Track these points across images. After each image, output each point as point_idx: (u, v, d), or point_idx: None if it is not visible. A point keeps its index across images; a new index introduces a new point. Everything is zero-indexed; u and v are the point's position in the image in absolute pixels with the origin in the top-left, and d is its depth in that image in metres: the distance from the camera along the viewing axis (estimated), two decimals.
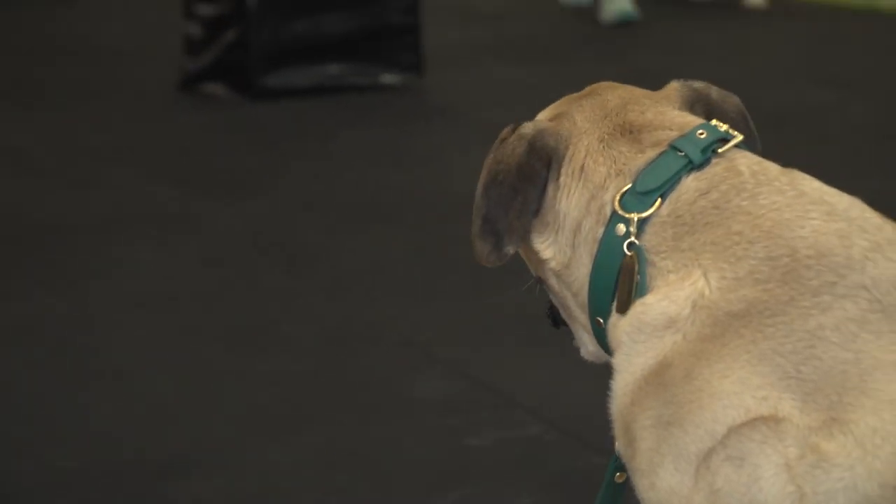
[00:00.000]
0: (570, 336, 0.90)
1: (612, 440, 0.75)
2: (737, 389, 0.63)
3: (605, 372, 0.76)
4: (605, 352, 0.79)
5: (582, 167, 0.78)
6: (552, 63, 4.65)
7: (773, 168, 0.75)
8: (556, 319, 0.90)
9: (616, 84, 0.88)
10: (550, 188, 0.79)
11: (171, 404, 2.15)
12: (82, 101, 4.46)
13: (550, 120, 0.84)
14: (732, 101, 0.87)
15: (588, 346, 0.86)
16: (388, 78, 4.44)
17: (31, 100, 4.51)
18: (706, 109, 0.85)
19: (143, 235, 3.09)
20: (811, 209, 0.69)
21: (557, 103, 0.88)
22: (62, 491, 1.84)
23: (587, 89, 0.87)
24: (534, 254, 0.83)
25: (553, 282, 0.84)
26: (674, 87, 0.86)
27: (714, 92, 0.87)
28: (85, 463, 1.90)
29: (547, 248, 0.81)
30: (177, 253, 3.00)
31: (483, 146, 0.90)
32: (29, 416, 2.09)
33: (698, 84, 0.87)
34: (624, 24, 4.65)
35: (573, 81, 1.10)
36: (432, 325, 2.47)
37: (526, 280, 0.91)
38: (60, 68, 4.91)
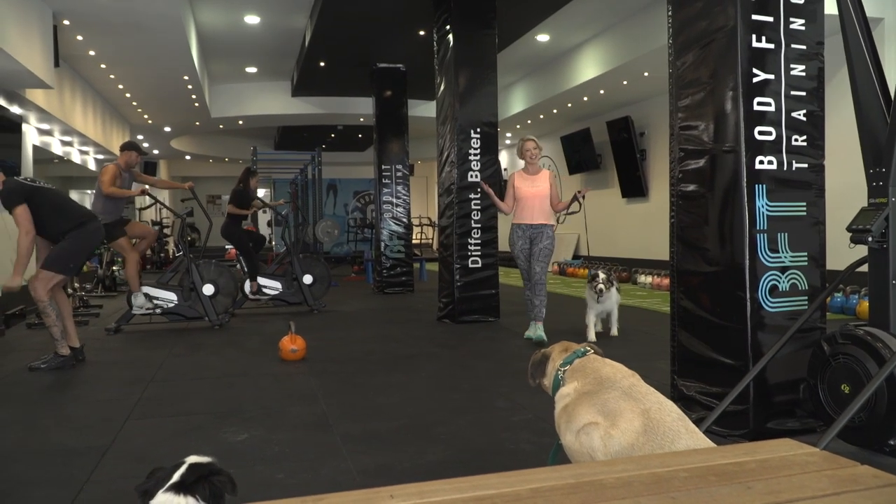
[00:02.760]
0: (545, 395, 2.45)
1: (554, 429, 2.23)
2: (586, 413, 2.03)
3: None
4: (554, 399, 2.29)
5: (553, 360, 2.37)
6: None
7: (598, 357, 2.28)
8: (536, 387, 2.50)
9: (567, 342, 2.43)
10: (549, 365, 2.38)
11: None
12: None
13: (548, 349, 2.44)
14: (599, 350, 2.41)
15: (553, 396, 2.30)
16: None
17: None
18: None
19: None
20: (607, 367, 2.17)
21: (554, 345, 2.45)
22: None
23: (562, 343, 2.44)
24: (543, 381, 2.41)
25: (545, 384, 2.40)
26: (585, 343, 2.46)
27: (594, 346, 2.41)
28: None
29: (545, 380, 2.39)
30: None
31: None
32: None
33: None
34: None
35: None
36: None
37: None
38: None
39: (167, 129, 16.53)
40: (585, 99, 12.65)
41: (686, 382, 3.66)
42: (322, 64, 11.48)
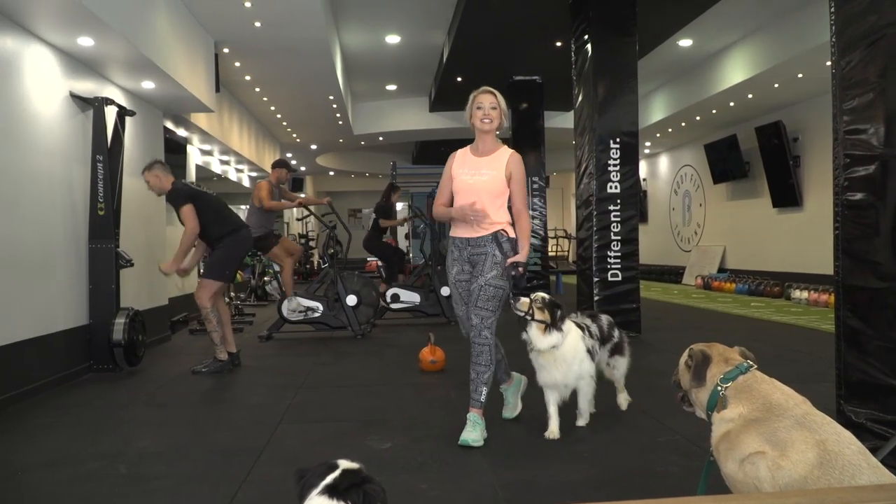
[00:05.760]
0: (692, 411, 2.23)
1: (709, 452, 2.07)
2: (752, 442, 1.84)
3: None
4: (708, 419, 2.06)
5: (712, 370, 2.06)
6: None
7: (765, 377, 2.01)
8: (684, 404, 2.25)
9: (723, 346, 2.15)
10: (708, 373, 2.08)
11: None
12: None
13: (707, 348, 2.14)
14: (750, 354, 2.14)
15: (702, 415, 2.11)
16: None
17: None
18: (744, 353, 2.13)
19: None
20: (776, 392, 1.94)
21: (708, 344, 2.16)
22: None
23: (716, 346, 2.16)
24: (695, 391, 2.12)
25: (696, 393, 2.11)
26: (737, 348, 2.14)
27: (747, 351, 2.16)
28: None
29: (699, 391, 2.10)
30: None
31: None
32: None
33: (743, 349, 2.15)
34: None
35: None
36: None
37: None
38: None
39: (313, 146, 17.39)
40: (732, 104, 12.04)
41: (855, 408, 3.35)
42: (459, 79, 11.67)
